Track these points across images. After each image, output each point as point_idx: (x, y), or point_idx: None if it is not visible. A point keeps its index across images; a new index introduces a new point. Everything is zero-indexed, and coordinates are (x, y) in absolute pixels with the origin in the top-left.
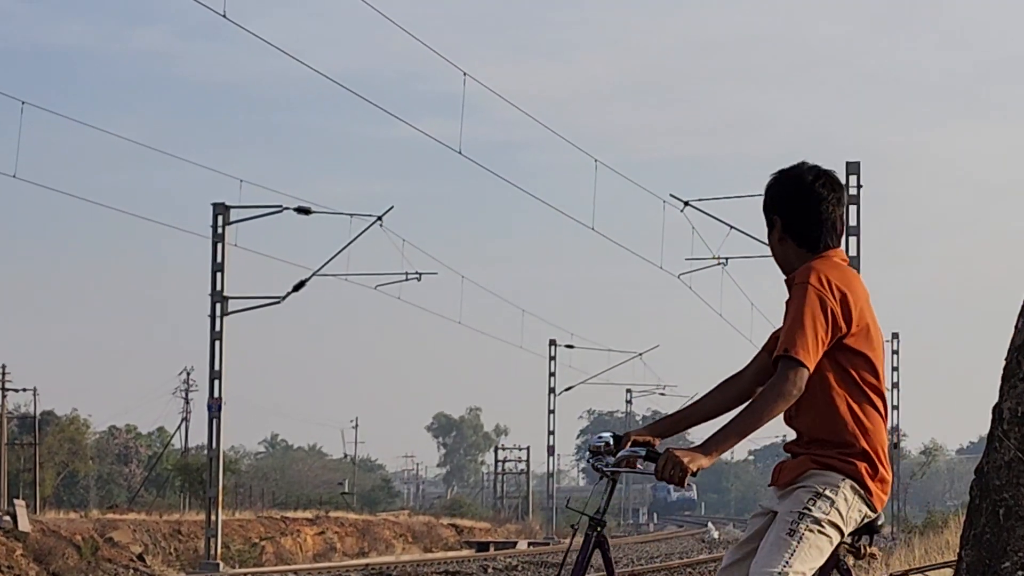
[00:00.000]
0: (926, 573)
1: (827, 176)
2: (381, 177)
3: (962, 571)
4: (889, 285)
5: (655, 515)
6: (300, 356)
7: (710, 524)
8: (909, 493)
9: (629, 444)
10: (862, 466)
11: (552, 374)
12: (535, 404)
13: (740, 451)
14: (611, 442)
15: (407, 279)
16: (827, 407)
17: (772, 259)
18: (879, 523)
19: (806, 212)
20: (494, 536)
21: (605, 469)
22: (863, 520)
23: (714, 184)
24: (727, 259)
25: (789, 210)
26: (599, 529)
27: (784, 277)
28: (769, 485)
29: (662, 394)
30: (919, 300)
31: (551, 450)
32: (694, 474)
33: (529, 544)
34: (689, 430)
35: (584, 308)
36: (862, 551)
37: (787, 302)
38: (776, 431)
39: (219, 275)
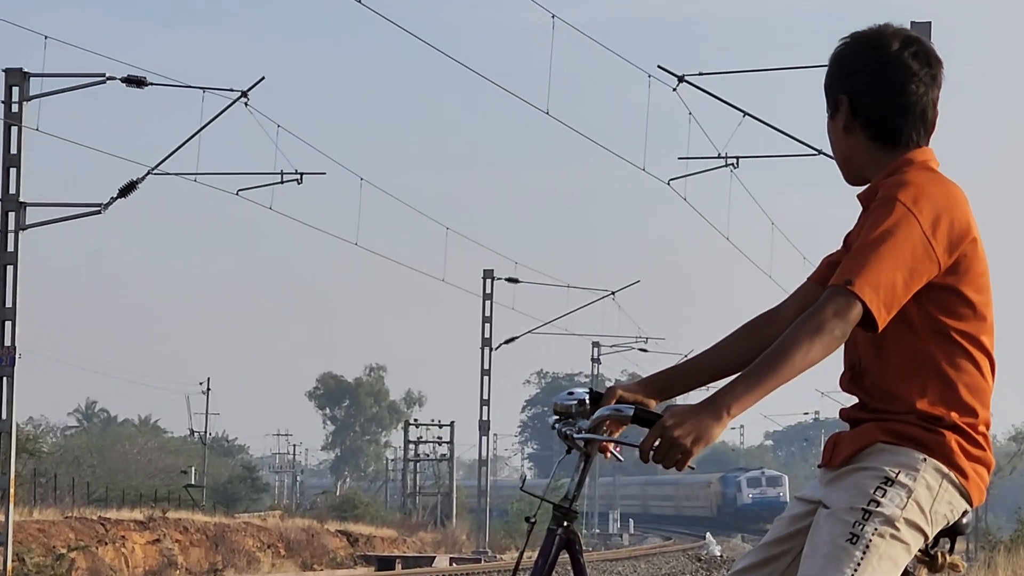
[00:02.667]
0: None
1: (920, 44)
2: (247, 38)
3: None
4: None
5: (631, 522)
6: (129, 290)
7: (709, 536)
8: (992, 495)
9: (614, 403)
10: (953, 439)
11: (487, 319)
12: (462, 362)
13: (754, 433)
14: (586, 400)
15: (283, 181)
16: (908, 362)
17: (817, 157)
18: (966, 521)
19: (887, 90)
20: (402, 548)
21: (576, 436)
22: (960, 516)
23: (720, 55)
24: (737, 159)
25: (863, 86)
26: (566, 523)
27: (845, 181)
28: (819, 466)
29: (643, 349)
30: (1011, 228)
31: (485, 427)
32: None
33: (452, 560)
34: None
35: (533, 227)
36: (939, 561)
37: (859, 223)
38: (805, 405)
39: (13, 172)
